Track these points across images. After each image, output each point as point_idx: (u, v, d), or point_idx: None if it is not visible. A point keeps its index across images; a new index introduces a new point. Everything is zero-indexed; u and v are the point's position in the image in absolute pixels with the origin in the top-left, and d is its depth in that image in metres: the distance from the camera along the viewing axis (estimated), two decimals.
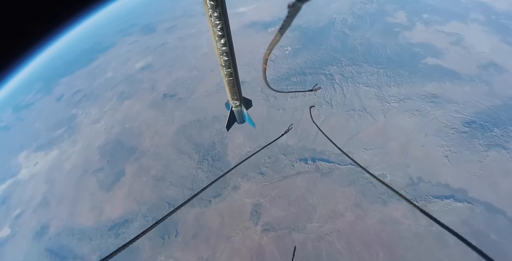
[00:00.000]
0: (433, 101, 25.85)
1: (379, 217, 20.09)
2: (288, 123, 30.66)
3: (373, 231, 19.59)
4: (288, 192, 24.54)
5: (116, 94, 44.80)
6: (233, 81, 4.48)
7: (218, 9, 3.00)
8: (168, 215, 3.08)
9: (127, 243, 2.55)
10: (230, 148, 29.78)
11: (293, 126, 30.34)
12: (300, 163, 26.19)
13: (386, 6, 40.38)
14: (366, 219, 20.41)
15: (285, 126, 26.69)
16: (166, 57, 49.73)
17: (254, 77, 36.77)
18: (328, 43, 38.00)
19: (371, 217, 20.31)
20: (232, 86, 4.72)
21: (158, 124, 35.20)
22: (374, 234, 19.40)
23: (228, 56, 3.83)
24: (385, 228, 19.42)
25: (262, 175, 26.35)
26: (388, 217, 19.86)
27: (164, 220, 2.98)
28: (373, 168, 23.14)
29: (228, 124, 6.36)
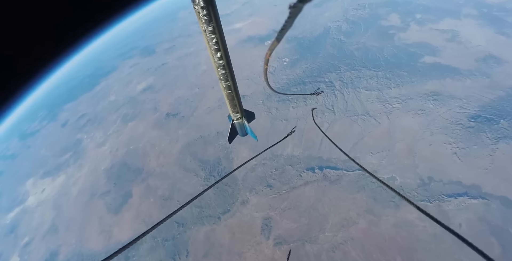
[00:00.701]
0: (436, 99, 25.67)
1: (393, 221, 19.57)
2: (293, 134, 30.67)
3: (388, 236, 19.04)
4: (298, 203, 24.17)
5: (120, 116, 45.69)
6: (232, 94, 4.59)
7: (212, 23, 3.14)
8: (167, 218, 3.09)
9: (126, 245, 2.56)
10: (235, 162, 29.72)
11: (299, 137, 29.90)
12: (308, 172, 25.93)
13: (378, 10, 41.00)
14: (379, 224, 19.89)
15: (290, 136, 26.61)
16: (166, 77, 50.92)
17: (255, 90, 37.15)
18: (325, 51, 38.44)
19: (384, 222, 19.79)
20: (231, 99, 4.83)
21: (162, 144, 35.53)
22: (390, 239, 18.84)
23: (225, 69, 3.95)
24: (400, 232, 18.87)
25: (270, 187, 26.10)
26: (402, 221, 19.33)
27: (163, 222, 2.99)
28: (381, 172, 22.81)
29: (230, 137, 6.43)
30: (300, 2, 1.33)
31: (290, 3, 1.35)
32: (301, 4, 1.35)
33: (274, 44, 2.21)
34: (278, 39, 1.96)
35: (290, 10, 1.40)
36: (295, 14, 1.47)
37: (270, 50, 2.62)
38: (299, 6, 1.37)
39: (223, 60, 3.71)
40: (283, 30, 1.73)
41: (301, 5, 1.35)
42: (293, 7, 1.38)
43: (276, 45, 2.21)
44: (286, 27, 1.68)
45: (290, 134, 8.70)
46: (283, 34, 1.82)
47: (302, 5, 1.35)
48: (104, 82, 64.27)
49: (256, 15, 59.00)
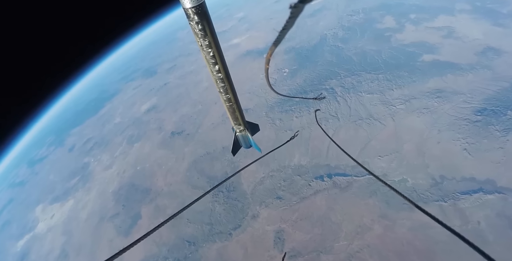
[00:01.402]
0: (439, 96, 25.43)
1: (409, 224, 18.97)
2: (299, 143, 30.78)
3: (405, 240, 18.41)
4: (309, 213, 23.72)
5: (126, 138, 46.33)
6: (233, 106, 4.69)
7: (208, 38, 3.31)
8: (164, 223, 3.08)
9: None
10: (243, 176, 29.54)
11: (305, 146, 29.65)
12: (317, 181, 25.58)
13: (372, 14, 41.58)
14: (395, 229, 19.30)
15: (296, 146, 26.55)
16: (169, 97, 51.85)
17: (257, 103, 37.41)
18: (324, 59, 38.79)
19: (400, 226, 19.20)
20: (232, 112, 4.92)
21: (169, 163, 35.68)
22: (407, 243, 18.21)
23: (224, 82, 4.06)
24: (417, 235, 18.24)
25: (280, 199, 25.76)
26: (418, 223, 18.72)
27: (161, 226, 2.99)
28: (392, 174, 22.39)
29: (234, 149, 6.46)
30: (301, 2, 1.33)
31: (291, 3, 1.35)
32: (302, 4, 1.35)
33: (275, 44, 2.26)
34: (279, 39, 2.00)
35: (291, 10, 1.41)
36: (296, 14, 1.47)
37: (271, 50, 2.70)
38: (300, 6, 1.38)
39: (222, 73, 3.85)
40: (284, 30, 1.75)
41: (302, 5, 1.36)
42: (294, 7, 1.38)
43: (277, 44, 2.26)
44: (287, 27, 1.69)
45: (292, 137, 8.68)
46: (284, 34, 1.85)
47: (303, 5, 1.36)
48: (108, 105, 65.87)
49: (252, 30, 60.42)
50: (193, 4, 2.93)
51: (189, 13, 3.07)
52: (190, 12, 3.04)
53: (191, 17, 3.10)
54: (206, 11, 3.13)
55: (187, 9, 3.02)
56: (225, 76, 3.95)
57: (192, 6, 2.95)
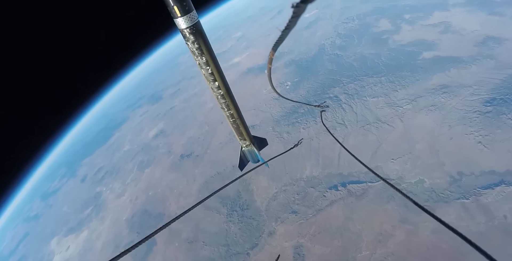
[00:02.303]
0: (445, 92, 25.04)
1: (432, 227, 18.11)
2: (309, 154, 30.48)
3: (430, 244, 17.52)
4: (327, 225, 23.02)
5: (136, 164, 46.94)
6: (237, 122, 4.84)
7: (204, 56, 3.55)
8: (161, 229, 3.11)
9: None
10: (256, 193, 29.22)
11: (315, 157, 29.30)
12: (331, 191, 25.03)
13: (367, 19, 42.16)
14: (418, 233, 18.45)
15: (306, 157, 26.24)
16: (176, 120, 52.82)
17: (263, 118, 37.55)
18: (324, 68, 39.06)
19: (423, 230, 18.35)
20: (237, 128, 5.06)
21: (180, 186, 35.76)
22: (433, 247, 17.31)
23: (225, 98, 4.27)
24: (442, 237, 17.35)
25: (295, 213, 25.19)
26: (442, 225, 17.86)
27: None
28: (407, 176, 21.75)
29: (240, 164, 6.55)
30: (302, 2, 1.36)
31: (293, 2, 1.38)
32: (304, 4, 1.38)
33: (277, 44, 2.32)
34: (282, 38, 2.05)
35: (293, 9, 1.44)
36: (298, 14, 1.51)
37: (274, 50, 2.79)
38: (302, 6, 1.40)
39: (222, 90, 4.08)
40: (287, 29, 1.79)
41: (304, 5, 1.38)
42: (296, 7, 1.41)
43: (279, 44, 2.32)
44: (290, 27, 1.73)
45: (296, 145, 8.61)
46: (287, 34, 1.89)
47: (305, 5, 1.38)
48: (117, 134, 67.62)
49: (251, 47, 61.84)
50: (188, 24, 3.16)
51: (185, 34, 3.30)
52: (186, 33, 3.27)
53: (187, 37, 3.33)
54: (201, 30, 3.35)
55: (182, 30, 3.25)
56: (226, 92, 4.15)
57: (187, 26, 3.18)
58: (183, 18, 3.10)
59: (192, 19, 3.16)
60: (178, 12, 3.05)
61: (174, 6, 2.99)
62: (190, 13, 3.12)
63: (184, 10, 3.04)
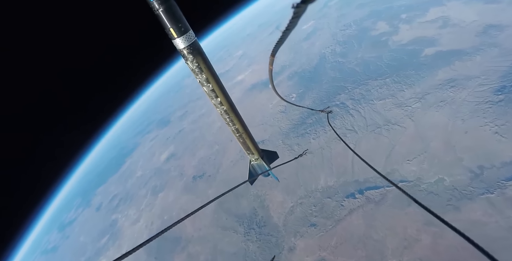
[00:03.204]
0: (453, 86, 24.60)
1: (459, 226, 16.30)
2: (322, 164, 30.01)
3: (459, 245, 16.56)
4: (348, 235, 22.20)
5: (149, 190, 47.24)
6: (243, 136, 4.96)
7: (204, 73, 3.72)
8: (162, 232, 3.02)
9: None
10: (272, 209, 28.72)
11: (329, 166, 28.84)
12: (348, 199, 24.35)
13: (364, 23, 42.62)
14: (445, 234, 17.54)
15: (319, 167, 25.87)
16: (186, 142, 53.39)
17: (272, 133, 37.54)
18: (328, 76, 39.20)
19: (450, 231, 16.72)
20: (243, 142, 5.17)
21: (195, 207, 35.12)
22: (462, 248, 16.34)
23: (228, 113, 4.41)
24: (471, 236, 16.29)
25: (314, 226, 24.49)
26: (469, 222, 16.98)
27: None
28: (426, 176, 21.02)
29: (250, 178, 6.52)
30: (303, 2, 1.36)
31: (293, 3, 1.39)
32: (304, 5, 1.39)
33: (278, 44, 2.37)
34: (283, 39, 2.10)
35: (294, 10, 1.45)
36: (299, 14, 1.52)
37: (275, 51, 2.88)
38: (302, 6, 1.41)
39: (225, 105, 4.22)
40: (287, 30, 1.81)
41: (304, 5, 1.39)
42: (297, 7, 1.41)
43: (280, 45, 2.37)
44: (290, 27, 1.75)
45: (301, 155, 8.51)
46: (287, 34, 1.92)
47: (306, 5, 1.39)
48: (129, 161, 68.82)
49: (254, 64, 63.00)
50: (185, 44, 3.35)
51: (183, 53, 3.48)
52: (184, 52, 3.45)
53: (186, 56, 3.50)
54: (199, 48, 3.52)
55: (181, 50, 3.44)
56: (229, 107, 4.27)
57: (185, 46, 3.36)
58: (181, 38, 3.29)
59: (189, 39, 3.35)
60: (174, 34, 3.25)
61: (170, 28, 3.20)
62: (187, 33, 3.31)
63: (180, 31, 3.24)
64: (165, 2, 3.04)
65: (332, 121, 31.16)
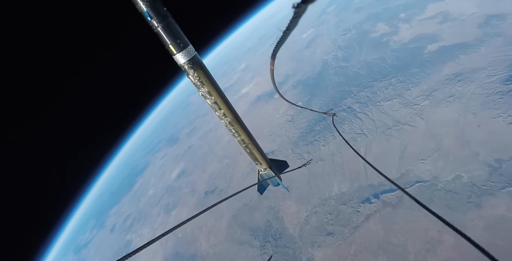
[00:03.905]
0: (460, 80, 24.20)
1: (482, 224, 16.47)
2: (334, 170, 29.50)
3: (485, 243, 15.36)
4: (368, 242, 21.49)
5: (162, 208, 47.42)
6: (249, 147, 5.02)
7: (205, 86, 3.83)
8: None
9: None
10: (286, 220, 28.22)
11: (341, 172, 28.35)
12: (364, 205, 23.74)
13: (363, 26, 42.87)
14: (469, 233, 16.03)
15: (331, 174, 25.45)
16: (196, 158, 53.64)
17: (281, 143, 37.39)
18: (332, 82, 39.19)
19: (473, 229, 16.67)
20: (250, 152, 5.26)
21: (209, 223, 35.30)
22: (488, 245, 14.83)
23: (232, 125, 4.51)
24: (496, 233, 15.64)
25: (331, 235, 23.84)
26: (493, 219, 16.22)
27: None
28: (442, 174, 20.40)
29: (260, 188, 6.85)
30: (303, 2, 1.37)
31: (294, 3, 1.40)
32: (304, 5, 1.39)
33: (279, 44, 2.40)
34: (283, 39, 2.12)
35: (294, 10, 1.46)
36: (299, 14, 1.54)
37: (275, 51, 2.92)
38: (303, 7, 1.42)
39: (228, 117, 4.30)
40: (288, 30, 1.84)
41: (305, 5, 1.40)
42: (298, 7, 1.42)
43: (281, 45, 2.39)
44: (291, 27, 1.77)
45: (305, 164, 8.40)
46: (288, 34, 1.94)
47: (306, 5, 1.39)
48: (140, 180, 69.70)
49: (257, 76, 63.64)
50: (186, 59, 3.47)
51: (184, 68, 3.59)
52: (185, 67, 3.56)
53: (187, 70, 3.60)
54: (199, 62, 3.63)
55: (182, 65, 3.56)
56: (233, 118, 4.35)
57: (185, 61, 3.48)
58: (180, 54, 3.41)
59: (189, 54, 3.45)
60: (174, 50, 3.37)
61: (169, 45, 3.31)
62: (187, 48, 3.42)
63: (179, 47, 3.36)
64: (163, 20, 3.13)
65: (341, 126, 30.91)
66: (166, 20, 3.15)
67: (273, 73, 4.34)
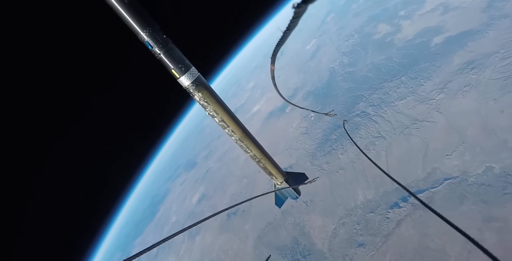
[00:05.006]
0: (474, 67, 23.48)
1: None
2: (356, 178, 28.55)
3: None
4: (402, 250, 20.25)
5: (186, 234, 46.57)
6: (262, 161, 5.04)
7: (212, 105, 3.95)
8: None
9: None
10: (313, 235, 27.20)
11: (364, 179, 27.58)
12: (393, 210, 22.64)
13: (365, 30, 43.00)
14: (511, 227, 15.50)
15: (354, 182, 24.73)
16: (215, 181, 53.54)
17: (298, 156, 36.92)
18: (342, 89, 38.95)
19: None
20: (263, 167, 5.31)
21: (234, 246, 34.58)
22: None
23: (242, 141, 4.56)
24: None
25: (363, 246, 22.69)
26: None
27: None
28: (472, 168, 19.32)
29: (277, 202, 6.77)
30: (304, 2, 1.36)
31: (294, 3, 1.39)
32: (305, 5, 1.39)
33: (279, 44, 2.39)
34: (283, 39, 2.11)
35: (294, 10, 1.45)
36: (299, 15, 1.55)
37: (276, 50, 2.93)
38: (303, 7, 1.41)
39: (237, 133, 4.37)
40: (288, 30, 1.83)
41: (305, 5, 1.39)
42: (298, 8, 1.41)
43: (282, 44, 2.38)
44: (291, 27, 1.77)
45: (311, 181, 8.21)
46: (288, 34, 1.94)
47: (306, 5, 1.39)
48: (162, 208, 70.00)
49: (267, 93, 64.13)
50: (190, 80, 3.59)
51: (189, 90, 3.70)
52: (190, 89, 3.68)
53: (192, 92, 3.72)
54: (203, 82, 3.75)
55: (187, 87, 3.67)
56: (242, 134, 4.41)
57: (190, 82, 3.60)
58: (184, 76, 3.55)
59: (192, 75, 3.59)
60: (177, 74, 3.53)
61: (172, 70, 3.48)
62: (189, 70, 3.56)
63: (181, 70, 3.50)
64: (163, 47, 3.30)
65: (357, 131, 30.35)
66: (167, 46, 3.32)
67: (273, 73, 4.33)
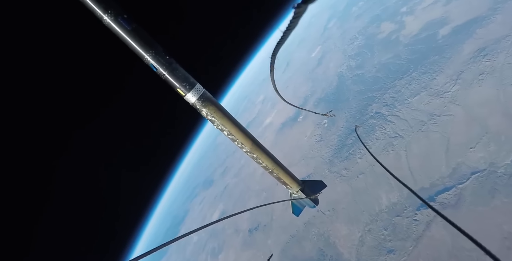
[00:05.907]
0: (486, 54, 22.79)
1: None
2: (378, 182, 27.64)
3: None
4: (436, 252, 19.19)
5: (208, 253, 46.99)
6: (274, 172, 5.06)
7: (219, 119, 4.03)
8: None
9: None
10: (339, 245, 26.24)
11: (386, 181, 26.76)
12: (421, 212, 21.69)
13: (368, 30, 42.97)
14: None
15: (376, 186, 24.09)
16: (233, 197, 53.47)
17: (315, 165, 36.35)
18: (352, 92, 38.57)
19: None
20: (277, 177, 5.41)
21: None
22: None
23: (252, 153, 4.60)
24: None
25: (392, 252, 21.68)
26: None
27: None
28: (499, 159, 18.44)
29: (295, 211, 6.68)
30: (304, 2, 1.37)
31: (294, 3, 1.40)
32: (305, 5, 1.40)
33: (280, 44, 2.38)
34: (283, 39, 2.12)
35: (295, 10, 1.47)
36: (300, 15, 1.56)
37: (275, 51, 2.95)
38: (303, 7, 1.42)
39: (247, 146, 4.40)
40: (288, 30, 1.85)
41: (305, 5, 1.40)
42: (298, 8, 1.43)
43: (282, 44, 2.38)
44: (291, 27, 1.80)
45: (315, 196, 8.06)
46: (288, 35, 1.96)
47: (306, 5, 1.40)
48: (183, 228, 70.34)
49: (277, 104, 64.16)
50: (196, 97, 3.68)
51: (196, 106, 3.78)
52: (196, 105, 3.76)
53: (199, 108, 3.79)
54: (209, 97, 3.84)
55: (193, 104, 3.76)
56: (252, 146, 4.43)
57: (196, 99, 3.69)
58: (190, 94, 3.64)
59: (198, 92, 3.68)
60: (182, 92, 3.63)
61: (177, 89, 3.59)
62: (194, 87, 3.65)
63: (186, 88, 3.60)
64: (167, 68, 3.42)
65: (372, 134, 29.77)
66: (170, 67, 3.43)
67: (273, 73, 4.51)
